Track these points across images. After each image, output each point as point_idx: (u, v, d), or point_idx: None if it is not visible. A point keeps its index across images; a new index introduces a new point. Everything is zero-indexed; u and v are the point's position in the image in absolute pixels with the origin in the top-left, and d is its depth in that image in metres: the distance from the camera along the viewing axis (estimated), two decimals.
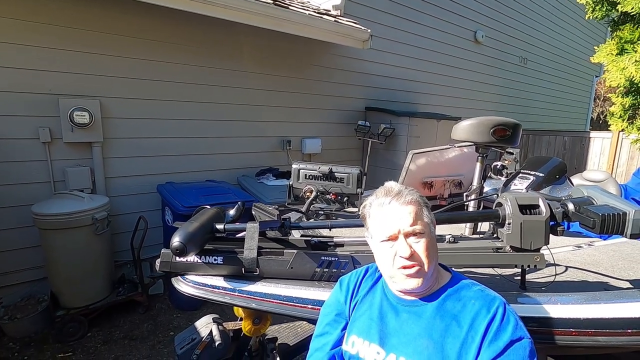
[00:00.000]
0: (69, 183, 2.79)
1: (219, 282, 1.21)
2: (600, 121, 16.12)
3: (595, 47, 2.27)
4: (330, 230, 1.31)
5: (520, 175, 2.57)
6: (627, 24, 2.04)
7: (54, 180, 2.78)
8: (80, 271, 2.54)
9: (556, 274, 1.31)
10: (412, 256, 0.87)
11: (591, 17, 2.23)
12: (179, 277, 1.23)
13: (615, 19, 2.20)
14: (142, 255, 2.77)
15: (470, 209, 1.82)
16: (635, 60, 1.90)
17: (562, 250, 1.65)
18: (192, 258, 1.18)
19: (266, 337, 1.67)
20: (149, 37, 3.06)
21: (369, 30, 3.92)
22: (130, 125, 3.07)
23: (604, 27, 8.60)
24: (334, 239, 1.30)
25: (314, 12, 3.62)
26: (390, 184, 0.97)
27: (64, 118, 2.70)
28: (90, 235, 2.55)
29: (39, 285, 2.75)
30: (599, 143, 6.15)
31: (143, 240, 2.72)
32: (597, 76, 9.67)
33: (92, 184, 2.91)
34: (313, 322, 1.10)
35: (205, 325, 1.53)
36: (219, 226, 1.20)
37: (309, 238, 1.27)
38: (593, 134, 6.35)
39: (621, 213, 1.06)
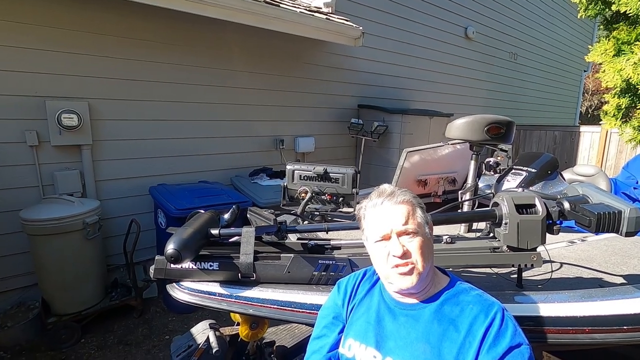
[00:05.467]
0: (58, 187, 2.73)
1: (215, 288, 1.19)
2: (589, 115, 16.36)
3: (590, 46, 2.28)
4: (327, 232, 1.30)
5: (513, 171, 2.58)
6: (621, 23, 2.05)
7: (43, 184, 2.71)
8: (71, 277, 2.49)
9: (552, 271, 1.32)
10: (405, 255, 0.87)
11: (584, 16, 2.23)
12: (174, 284, 1.21)
13: (609, 17, 2.21)
14: (135, 259, 2.74)
15: (466, 207, 1.83)
16: (634, 62, 1.92)
17: (556, 247, 1.67)
18: (187, 264, 1.16)
19: (264, 341, 1.66)
20: (137, 36, 3.00)
21: (361, 28, 3.91)
22: (121, 126, 3.02)
23: (591, 23, 8.70)
24: (331, 242, 1.28)
25: (305, 9, 3.59)
26: (384, 186, 0.97)
27: (51, 121, 2.64)
28: (81, 240, 2.50)
29: (30, 292, 2.70)
30: (589, 137, 6.22)
31: (136, 244, 2.68)
32: (585, 71, 9.81)
33: (82, 188, 2.86)
34: (311, 326, 1.09)
35: (202, 332, 1.51)
36: (214, 231, 1.18)
37: (306, 241, 1.26)
38: (582, 128, 6.43)
39: (616, 211, 1.06)
